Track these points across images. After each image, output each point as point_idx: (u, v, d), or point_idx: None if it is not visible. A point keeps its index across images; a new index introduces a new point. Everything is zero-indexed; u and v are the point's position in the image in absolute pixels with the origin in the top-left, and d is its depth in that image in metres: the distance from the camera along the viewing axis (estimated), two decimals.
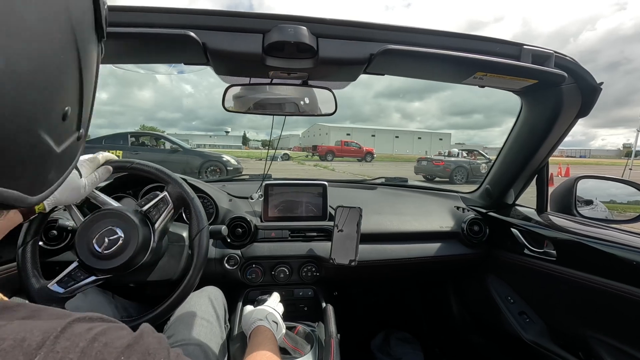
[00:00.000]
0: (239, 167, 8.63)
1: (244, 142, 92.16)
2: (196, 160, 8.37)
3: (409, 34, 0.76)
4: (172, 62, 0.85)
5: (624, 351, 0.89)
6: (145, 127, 66.11)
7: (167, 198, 0.86)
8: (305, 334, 1.08)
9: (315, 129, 76.12)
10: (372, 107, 43.71)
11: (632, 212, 1.13)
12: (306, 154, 31.55)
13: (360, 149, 25.15)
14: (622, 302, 0.86)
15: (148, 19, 0.67)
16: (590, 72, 0.88)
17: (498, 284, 1.33)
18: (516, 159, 1.21)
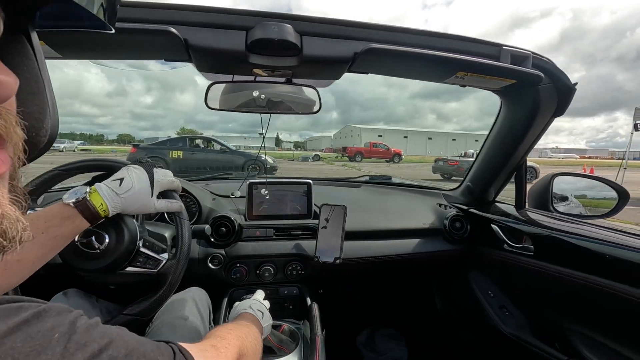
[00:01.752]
0: (275, 166, 9.71)
1: (276, 143, 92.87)
2: (240, 159, 9.49)
3: (393, 33, 0.77)
4: (152, 59, 0.83)
5: (598, 341, 0.93)
6: (185, 129, 65.20)
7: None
8: (290, 332, 1.08)
9: (347, 130, 75.22)
10: (406, 108, 43.90)
11: (604, 208, 1.18)
12: (336, 155, 32.07)
13: (388, 150, 25.39)
14: (596, 294, 0.90)
15: (127, 13, 0.66)
16: (565, 73, 0.91)
17: (479, 279, 1.36)
18: (496, 156, 1.24)
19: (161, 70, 0.97)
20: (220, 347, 0.51)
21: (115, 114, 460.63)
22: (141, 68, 0.90)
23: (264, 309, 0.88)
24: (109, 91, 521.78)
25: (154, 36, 0.67)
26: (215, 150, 9.96)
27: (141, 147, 10.23)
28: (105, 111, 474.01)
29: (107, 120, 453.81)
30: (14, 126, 0.28)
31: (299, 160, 25.09)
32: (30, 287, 0.73)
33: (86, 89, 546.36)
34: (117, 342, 0.32)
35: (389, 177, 1.89)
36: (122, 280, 0.83)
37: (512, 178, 1.28)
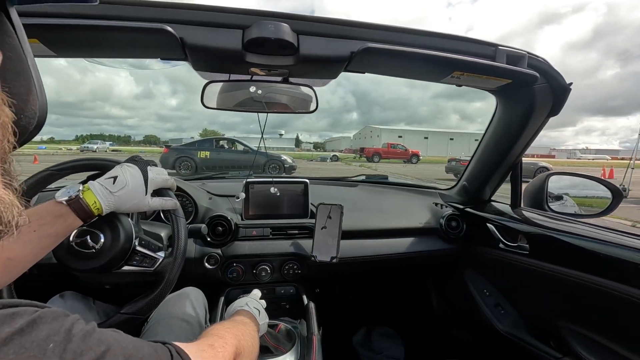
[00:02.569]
0: (294, 165, 10.73)
1: (296, 144, 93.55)
2: (261, 159, 9.83)
3: (389, 33, 0.77)
4: (148, 57, 0.83)
5: (592, 339, 0.94)
6: (208, 130, 65.86)
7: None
8: (287, 331, 1.08)
9: (366, 131, 74.50)
10: (429, 109, 43.58)
11: (598, 207, 1.19)
12: (354, 155, 32.64)
13: (406, 151, 25.62)
14: (590, 292, 0.91)
15: (123, 11, 0.65)
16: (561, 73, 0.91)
17: (475, 278, 1.37)
18: (491, 156, 1.25)
19: (157, 69, 0.96)
20: (218, 346, 0.51)
21: (142, 115, 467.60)
22: (136, 66, 0.89)
23: (261, 307, 0.88)
24: (137, 94, 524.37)
25: (149, 34, 0.67)
26: (238, 151, 10.68)
27: (173, 148, 10.99)
28: (132, 113, 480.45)
29: (135, 121, 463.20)
30: (0, 105, 0.27)
31: (317, 160, 25.79)
32: (25, 288, 0.73)
33: (115, 92, 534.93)
34: (115, 349, 0.32)
35: (386, 176, 1.89)
36: (118, 280, 0.83)
37: (507, 177, 1.29)
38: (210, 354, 0.48)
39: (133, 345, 0.34)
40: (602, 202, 1.19)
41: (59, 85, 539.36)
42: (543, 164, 13.50)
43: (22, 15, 0.61)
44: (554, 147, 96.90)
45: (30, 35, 0.63)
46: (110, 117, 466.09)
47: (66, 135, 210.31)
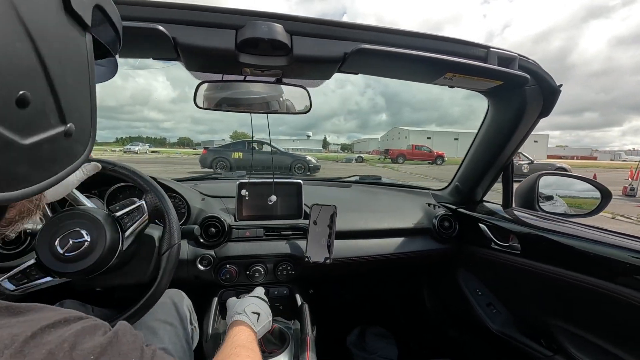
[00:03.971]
0: (318, 165, 11.43)
1: (324, 145, 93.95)
2: (287, 159, 11.18)
3: (383, 34, 0.77)
4: (139, 57, 0.82)
5: (581, 337, 0.95)
6: (238, 132, 66.29)
7: (143, 207, 0.82)
8: (280, 332, 1.07)
9: (394, 133, 73.53)
10: (461, 109, 43.41)
11: (588, 207, 1.21)
12: (379, 157, 33.11)
13: (430, 152, 25.61)
14: (580, 291, 0.92)
15: None
16: (551, 75, 0.93)
17: (468, 278, 1.38)
18: (483, 157, 1.26)
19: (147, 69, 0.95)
20: None
21: (178, 118, 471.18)
22: (127, 66, 0.88)
23: (262, 309, 0.88)
24: (173, 97, 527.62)
25: (141, 34, 0.66)
26: (267, 152, 10.97)
27: (210, 150, 12.02)
28: (169, 116, 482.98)
29: (170, 124, 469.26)
30: None
31: (342, 161, 26.16)
32: (25, 298, 0.71)
33: (154, 96, 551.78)
34: None
35: (379, 177, 1.90)
36: (109, 282, 0.82)
37: (499, 178, 1.30)
38: None
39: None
40: (591, 203, 1.21)
41: (102, 91, 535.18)
42: (562, 165, 13.65)
43: None
44: (597, 149, 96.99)
45: None
46: (148, 120, 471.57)
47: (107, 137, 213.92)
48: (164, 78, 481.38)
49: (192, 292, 1.10)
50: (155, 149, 46.89)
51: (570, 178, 1.33)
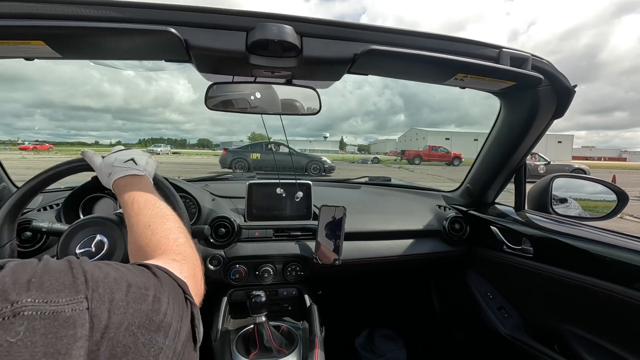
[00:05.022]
0: (333, 166, 11.82)
1: (340, 146, 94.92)
2: (303, 160, 11.58)
3: (392, 35, 0.77)
4: (152, 59, 0.83)
5: (596, 343, 0.93)
6: (256, 134, 68.11)
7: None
8: (289, 333, 1.08)
9: (411, 134, 72.76)
10: (481, 110, 42.97)
11: (603, 210, 1.19)
12: (395, 158, 33.10)
13: (448, 153, 25.50)
14: (594, 296, 0.90)
15: (128, 14, 0.66)
16: (565, 75, 0.91)
17: (478, 281, 1.36)
18: (495, 158, 1.24)
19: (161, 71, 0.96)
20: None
21: (197, 120, 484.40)
22: (140, 68, 0.90)
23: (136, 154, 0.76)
24: (194, 100, 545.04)
25: (154, 37, 0.67)
26: (284, 153, 11.35)
27: (230, 150, 12.55)
28: (189, 118, 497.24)
29: (190, 126, 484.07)
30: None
31: (358, 162, 26.25)
32: None
33: (175, 98, 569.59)
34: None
35: (389, 178, 1.89)
36: None
37: (511, 180, 1.28)
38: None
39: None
40: (607, 205, 1.18)
41: (126, 93, 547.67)
42: (580, 167, 13.34)
43: (26, 17, 0.62)
44: (627, 149, 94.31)
45: (35, 37, 0.64)
46: (169, 122, 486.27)
47: (130, 139, 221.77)
48: (185, 81, 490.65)
49: None
50: (176, 150, 48.44)
51: (584, 180, 1.30)
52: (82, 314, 0.28)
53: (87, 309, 0.29)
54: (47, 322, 0.26)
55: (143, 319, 0.32)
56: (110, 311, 0.30)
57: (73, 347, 0.26)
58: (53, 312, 0.27)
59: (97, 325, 0.29)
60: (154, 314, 0.34)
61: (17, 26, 0.62)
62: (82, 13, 0.64)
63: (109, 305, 0.30)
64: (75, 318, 0.28)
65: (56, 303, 0.28)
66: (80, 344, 0.27)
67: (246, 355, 0.97)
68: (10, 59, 0.76)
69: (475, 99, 39.24)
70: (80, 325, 0.28)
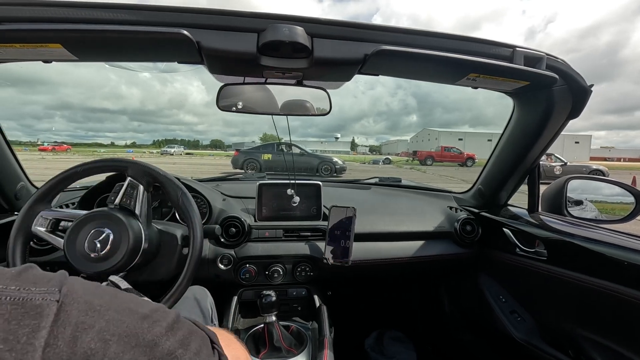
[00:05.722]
0: (344, 167, 11.91)
1: (352, 147, 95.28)
2: (315, 161, 11.58)
3: (403, 35, 0.77)
4: (165, 61, 0.84)
5: (612, 349, 0.90)
6: (267, 135, 69.70)
7: (132, 182, 0.86)
8: (299, 333, 1.08)
9: (424, 134, 72.24)
10: (496, 109, 41.97)
11: (620, 213, 1.16)
12: (407, 159, 32.65)
13: (461, 154, 25.30)
14: (611, 300, 0.88)
15: (141, 16, 0.67)
16: (582, 74, 0.89)
17: (490, 283, 1.34)
18: (508, 159, 1.22)
19: (174, 72, 0.98)
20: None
21: (211, 122, 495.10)
22: (154, 70, 0.91)
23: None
24: (207, 101, 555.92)
25: (167, 39, 0.68)
26: (295, 154, 11.59)
27: (242, 151, 12.70)
28: (202, 119, 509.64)
29: (204, 127, 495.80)
30: None
31: (369, 163, 26.17)
32: None
33: (190, 100, 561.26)
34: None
35: (399, 179, 1.88)
36: (134, 278, 0.85)
37: (524, 181, 1.26)
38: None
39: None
40: (625, 208, 1.15)
41: (142, 95, 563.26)
42: (598, 168, 12.97)
43: (45, 21, 0.64)
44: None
45: (53, 41, 0.66)
46: (183, 123, 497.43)
47: (145, 140, 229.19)
48: (198, 82, 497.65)
49: (212, 290, 1.12)
50: (189, 151, 49.33)
51: (601, 182, 1.27)
52: (51, 304, 0.27)
53: (56, 301, 0.28)
54: (14, 308, 0.26)
55: (123, 330, 0.30)
56: (82, 311, 0.29)
57: (33, 337, 0.25)
58: (23, 298, 0.26)
59: (64, 320, 0.27)
60: (144, 332, 0.32)
61: (36, 30, 0.64)
62: (97, 16, 0.66)
63: (83, 306, 0.29)
64: (43, 307, 0.27)
65: (28, 291, 0.27)
66: (41, 334, 0.26)
67: (256, 355, 0.97)
68: (30, 61, 0.78)
69: (490, 98, 37.89)
70: (46, 316, 0.27)
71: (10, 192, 1.07)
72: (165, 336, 0.33)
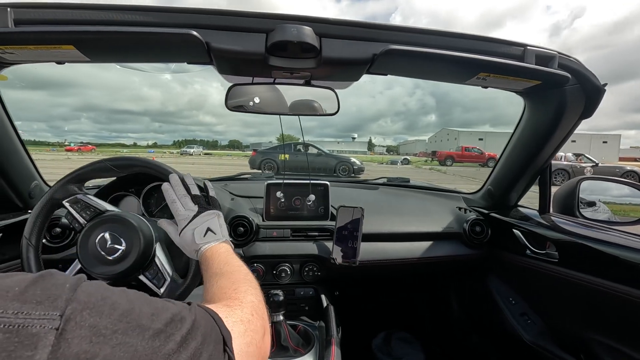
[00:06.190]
0: (362, 167, 11.75)
1: (369, 147, 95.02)
2: (332, 161, 11.48)
3: (412, 34, 0.76)
4: (175, 62, 0.85)
5: (625, 353, 0.89)
6: (284, 135, 70.73)
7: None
8: (306, 332, 1.08)
9: (442, 134, 70.82)
10: (516, 109, 41.69)
11: (634, 214, 1.13)
12: (425, 159, 32.22)
13: (482, 154, 24.82)
14: (624, 304, 0.86)
15: (152, 18, 0.68)
16: (594, 73, 0.87)
17: (499, 285, 1.32)
18: (518, 160, 1.21)
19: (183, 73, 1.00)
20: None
21: (229, 122, 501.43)
22: (164, 70, 0.92)
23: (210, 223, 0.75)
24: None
25: (177, 39, 0.69)
26: (312, 154, 11.79)
27: (259, 151, 12.69)
28: (221, 120, 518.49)
29: (222, 128, 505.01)
30: None
31: (387, 163, 25.73)
32: None
33: (209, 101, 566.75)
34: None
35: (407, 179, 1.87)
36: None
37: (535, 182, 1.24)
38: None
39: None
40: (638, 209, 1.13)
41: (163, 97, 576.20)
42: (632, 169, 12.54)
43: (57, 23, 0.65)
44: None
45: (65, 42, 0.67)
46: (202, 124, 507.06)
47: (165, 140, 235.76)
48: (217, 84, 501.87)
49: None
50: (208, 151, 50.39)
51: (615, 183, 1.25)
52: (49, 334, 0.25)
53: (55, 329, 0.25)
54: (7, 337, 0.23)
55: (132, 354, 0.28)
56: (86, 338, 0.26)
57: None
58: (19, 325, 0.24)
59: (64, 350, 0.25)
60: (155, 352, 0.29)
61: (49, 32, 0.65)
62: (109, 18, 0.67)
63: (87, 332, 0.26)
64: (40, 337, 0.24)
65: (26, 316, 0.25)
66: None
67: None
68: (44, 62, 0.80)
69: (511, 97, 37.17)
70: (42, 347, 0.24)
71: (25, 191, 1.09)
72: (177, 352, 0.31)
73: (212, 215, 0.77)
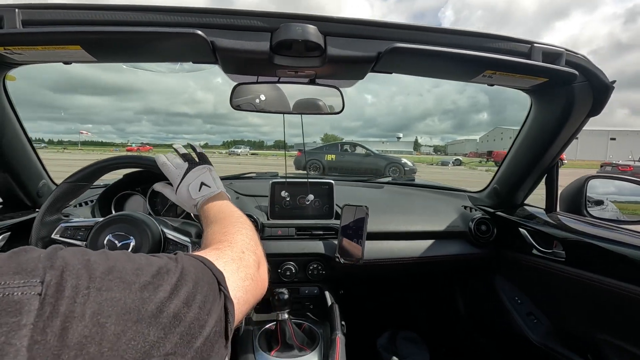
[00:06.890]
0: (414, 169, 11.04)
1: (415, 147, 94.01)
2: (382, 162, 10.85)
3: (417, 32, 0.76)
4: (180, 61, 0.86)
5: (634, 354, 0.88)
6: (328, 135, 70.41)
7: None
8: (311, 331, 1.08)
9: (496, 133, 68.52)
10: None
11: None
12: (480, 159, 31.03)
13: None
14: (632, 303, 0.85)
15: (156, 18, 0.68)
16: (603, 70, 0.86)
17: (505, 284, 1.32)
18: (525, 158, 1.20)
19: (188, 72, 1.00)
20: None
21: (275, 123, 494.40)
22: (171, 70, 0.93)
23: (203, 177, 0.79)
24: None
25: (182, 39, 0.69)
26: (360, 154, 11.27)
27: (305, 152, 11.84)
28: (267, 121, 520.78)
29: (268, 129, 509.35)
30: None
31: (437, 164, 24.50)
32: None
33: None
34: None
35: (413, 177, 1.86)
36: None
37: (542, 181, 1.23)
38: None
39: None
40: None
41: (215, 100, 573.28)
42: None
43: (64, 23, 0.66)
44: None
45: (72, 42, 0.68)
46: (250, 125, 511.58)
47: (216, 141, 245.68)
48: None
49: None
50: (254, 151, 51.95)
51: (623, 181, 1.23)
52: (33, 299, 0.25)
53: (38, 295, 0.25)
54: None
55: (120, 308, 0.28)
56: (70, 298, 0.26)
57: (14, 337, 0.23)
58: (0, 294, 0.24)
59: (50, 313, 0.25)
60: (145, 302, 0.30)
61: (56, 32, 0.66)
62: (115, 18, 0.67)
63: (70, 293, 0.27)
64: (23, 303, 0.24)
65: (6, 285, 0.25)
66: (23, 332, 0.24)
67: (268, 351, 0.98)
68: (50, 62, 0.80)
69: None
70: (27, 312, 0.24)
71: (33, 190, 1.10)
72: (169, 299, 0.32)
73: (203, 169, 0.80)
